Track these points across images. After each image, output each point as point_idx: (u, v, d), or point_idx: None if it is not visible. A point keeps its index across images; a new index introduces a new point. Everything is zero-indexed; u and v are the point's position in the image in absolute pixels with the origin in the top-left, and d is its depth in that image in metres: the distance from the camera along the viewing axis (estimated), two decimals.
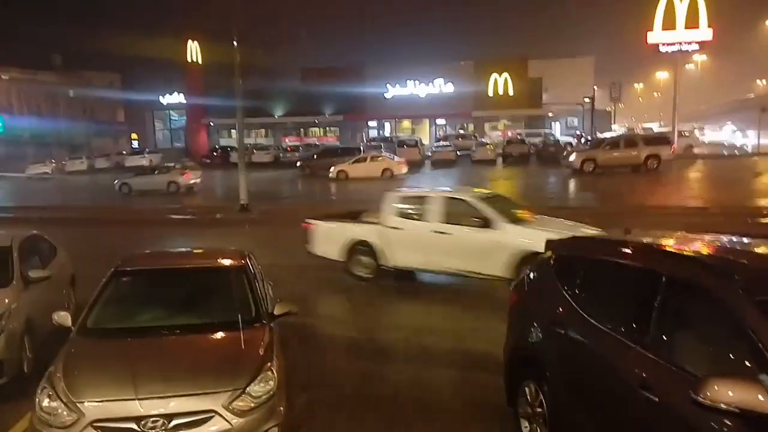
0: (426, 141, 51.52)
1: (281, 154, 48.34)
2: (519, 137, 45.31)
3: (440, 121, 58.79)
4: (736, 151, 41.78)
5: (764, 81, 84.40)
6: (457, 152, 40.91)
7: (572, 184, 26.81)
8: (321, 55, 60.99)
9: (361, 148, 39.10)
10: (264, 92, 51.68)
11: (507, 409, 4.87)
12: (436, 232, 9.56)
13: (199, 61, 57.97)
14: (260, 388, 4.36)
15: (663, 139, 31.41)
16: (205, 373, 4.42)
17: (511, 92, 54.25)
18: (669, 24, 40.78)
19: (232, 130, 55.44)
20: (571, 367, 4.14)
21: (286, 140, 57.60)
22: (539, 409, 4.41)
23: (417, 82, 56.19)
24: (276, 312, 5.28)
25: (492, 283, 8.99)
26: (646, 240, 4.38)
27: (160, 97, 61.57)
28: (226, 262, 5.92)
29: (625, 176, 27.55)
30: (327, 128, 60.04)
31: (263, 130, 60.64)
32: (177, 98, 61.27)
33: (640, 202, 19.26)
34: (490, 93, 54.74)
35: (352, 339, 7.58)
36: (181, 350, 4.75)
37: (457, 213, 9.64)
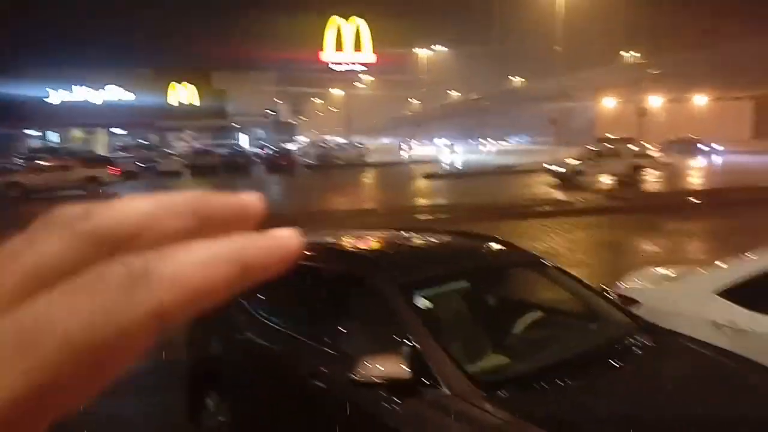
0: (103, 152, 47.21)
1: None
2: (206, 148, 44.72)
3: (119, 131, 54.52)
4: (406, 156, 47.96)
5: (417, 100, 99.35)
6: (140, 164, 38.46)
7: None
8: None
9: None
10: None
11: (189, 425, 4.70)
12: None
13: None
14: None
15: (105, 160, 31.03)
16: None
17: (195, 103, 53.28)
18: (339, 46, 45.14)
19: None
20: (252, 373, 4.19)
21: None
22: (222, 419, 4.36)
23: (88, 88, 51.11)
24: None
25: None
26: (313, 240, 4.69)
27: None
28: None
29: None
30: None
31: None
32: None
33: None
34: (174, 103, 52.92)
35: None
36: None
37: None
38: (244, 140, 57.15)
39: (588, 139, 50.45)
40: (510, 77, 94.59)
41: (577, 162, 24.46)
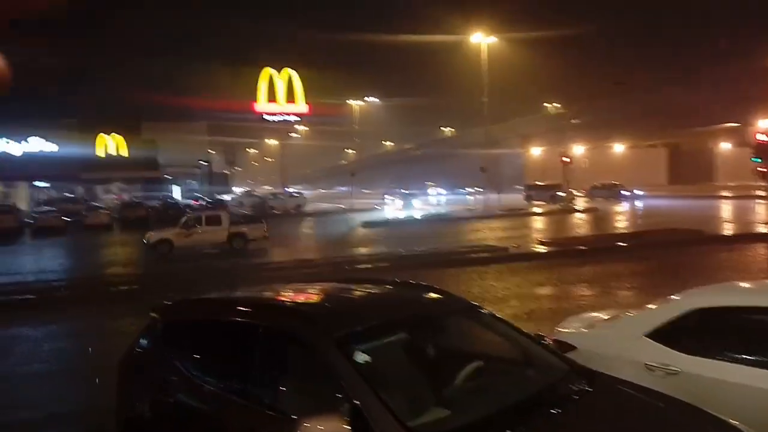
0: (24, 206, 44.93)
1: None
2: (136, 200, 43.40)
3: (42, 184, 52.20)
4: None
5: (351, 150, 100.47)
6: (65, 218, 36.80)
7: None
8: None
9: None
10: None
11: None
12: None
13: None
14: None
15: None
16: None
17: (124, 153, 51.91)
18: (272, 97, 45.41)
19: None
20: None
21: None
22: None
23: (7, 139, 48.92)
24: None
25: None
26: (245, 296, 4.55)
27: None
28: None
29: None
30: None
31: None
32: None
33: None
34: (101, 154, 51.36)
35: None
36: None
37: None
38: (176, 191, 55.86)
39: (518, 186, 52.35)
40: (441, 127, 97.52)
41: (169, 232, 22.25)
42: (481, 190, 44.36)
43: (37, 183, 52.13)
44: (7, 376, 8.52)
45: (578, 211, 38.11)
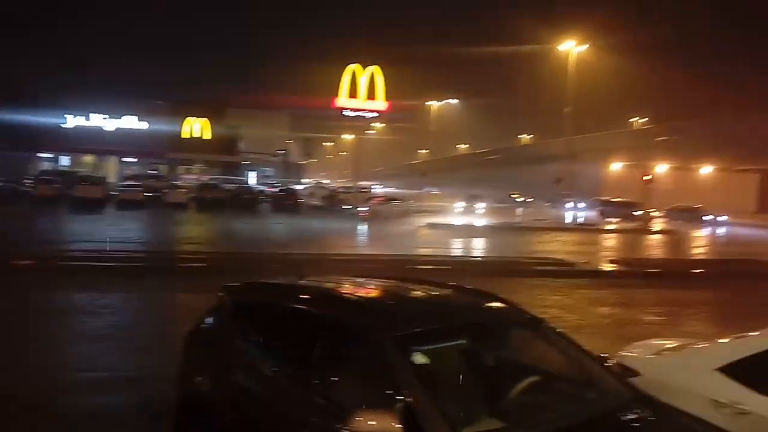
0: (113, 179, 47.56)
1: None
2: (214, 183, 45.01)
3: (130, 159, 55.06)
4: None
5: (425, 150, 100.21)
6: (147, 193, 38.67)
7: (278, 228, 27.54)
8: None
9: None
10: None
11: None
12: None
13: None
14: None
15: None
16: None
17: (207, 137, 53.96)
18: (353, 93, 46.03)
19: None
20: (240, 415, 4.08)
21: None
22: None
23: (104, 115, 51.83)
24: None
25: None
26: (312, 284, 4.64)
27: None
28: None
29: None
30: None
31: None
32: None
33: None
34: (185, 135, 53.59)
35: None
36: None
37: None
38: (252, 177, 57.55)
39: (591, 200, 50.69)
40: (518, 135, 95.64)
41: None
42: (565, 201, 43.37)
43: (126, 158, 55.01)
44: (86, 338, 9.07)
45: (654, 232, 36.54)
